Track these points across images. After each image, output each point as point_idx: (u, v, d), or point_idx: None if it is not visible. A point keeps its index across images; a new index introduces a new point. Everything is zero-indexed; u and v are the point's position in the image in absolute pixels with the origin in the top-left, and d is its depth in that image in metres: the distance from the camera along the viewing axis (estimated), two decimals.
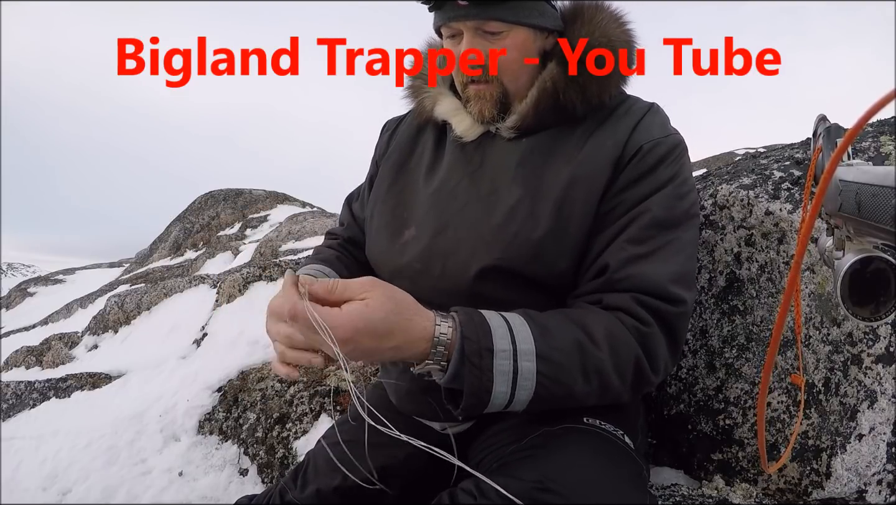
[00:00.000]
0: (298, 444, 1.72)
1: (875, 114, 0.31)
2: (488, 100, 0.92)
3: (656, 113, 0.92)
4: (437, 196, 0.97)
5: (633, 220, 0.84)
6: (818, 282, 1.02)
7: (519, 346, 0.73)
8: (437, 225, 0.94)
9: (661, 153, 0.86)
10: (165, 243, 7.16)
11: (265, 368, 2.09)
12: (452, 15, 0.89)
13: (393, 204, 1.02)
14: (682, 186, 0.87)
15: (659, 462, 1.22)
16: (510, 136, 0.94)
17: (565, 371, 0.74)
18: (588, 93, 0.89)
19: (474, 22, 0.88)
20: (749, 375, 1.10)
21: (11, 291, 7.45)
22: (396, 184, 1.04)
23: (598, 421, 0.84)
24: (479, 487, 0.74)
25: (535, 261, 0.87)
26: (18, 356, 3.25)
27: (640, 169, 0.85)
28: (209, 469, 1.79)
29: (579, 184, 0.86)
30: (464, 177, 0.96)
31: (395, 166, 1.06)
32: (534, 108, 0.91)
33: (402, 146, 1.08)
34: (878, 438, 0.94)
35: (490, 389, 0.71)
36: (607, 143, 0.88)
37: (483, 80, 0.92)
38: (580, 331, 0.77)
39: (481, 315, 0.75)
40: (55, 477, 1.79)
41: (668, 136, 0.88)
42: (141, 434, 1.91)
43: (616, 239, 0.84)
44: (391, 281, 1.03)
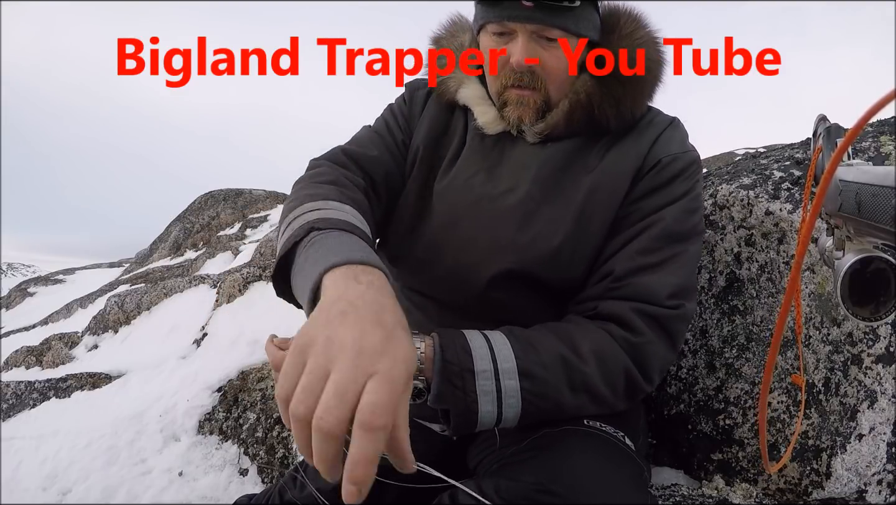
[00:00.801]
0: None
1: (875, 114, 0.31)
2: (531, 107, 0.90)
3: (676, 128, 0.93)
4: (451, 185, 0.94)
5: (644, 229, 0.85)
6: (818, 282, 1.02)
7: (500, 365, 0.74)
8: (450, 217, 0.93)
9: (678, 168, 0.88)
10: (165, 243, 7.16)
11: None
12: (512, 14, 0.85)
13: (420, 183, 0.98)
14: (694, 202, 0.89)
15: (659, 462, 1.22)
16: (535, 140, 0.93)
17: (550, 386, 0.75)
18: (622, 107, 0.89)
19: (536, 26, 0.84)
20: (749, 375, 1.10)
21: (11, 291, 7.45)
22: (424, 161, 0.98)
23: (598, 423, 0.85)
24: (479, 487, 0.74)
25: (551, 267, 0.87)
26: (18, 356, 3.25)
27: (656, 181, 0.87)
28: (209, 469, 1.79)
29: (600, 193, 0.87)
30: (481, 171, 0.94)
31: (426, 142, 1.00)
32: (566, 119, 0.90)
33: (432, 119, 1.01)
34: (879, 438, 0.94)
35: (476, 409, 0.72)
36: (630, 154, 0.89)
37: (530, 86, 0.89)
38: (564, 346, 0.78)
39: (463, 337, 0.75)
40: (55, 477, 1.79)
41: (686, 152, 0.90)
42: (141, 434, 1.91)
43: (626, 247, 0.85)
44: (393, 265, 1.01)
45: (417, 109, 1.04)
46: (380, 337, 0.49)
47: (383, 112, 1.07)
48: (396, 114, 1.04)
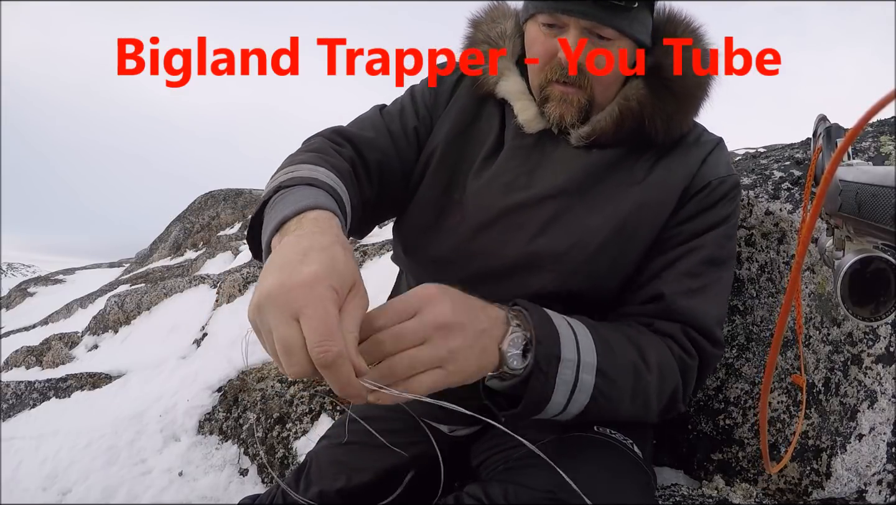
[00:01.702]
0: (298, 444, 1.72)
1: (875, 114, 0.31)
2: (574, 105, 0.85)
3: (723, 149, 0.92)
4: (490, 187, 0.89)
5: (688, 252, 0.84)
6: (818, 282, 1.02)
7: (583, 357, 0.69)
8: (485, 217, 0.88)
9: (724, 191, 0.86)
10: (165, 243, 7.16)
11: (265, 367, 2.09)
12: (568, 8, 0.81)
13: (444, 178, 0.92)
14: (733, 228, 0.89)
15: (659, 462, 1.22)
16: (579, 143, 0.88)
17: (618, 390, 0.72)
18: (672, 122, 0.86)
19: (591, 23, 0.81)
20: (749, 375, 1.10)
21: (11, 291, 7.44)
22: (449, 156, 0.93)
23: (608, 430, 0.83)
24: (486, 491, 0.73)
25: (586, 278, 0.85)
26: (18, 356, 3.25)
27: (704, 204, 0.85)
28: (209, 469, 1.79)
29: (647, 208, 0.85)
30: (522, 173, 0.89)
31: (452, 133, 0.94)
32: (615, 125, 0.86)
33: (462, 111, 0.95)
34: (878, 438, 0.94)
35: (549, 398, 0.67)
36: (678, 173, 0.86)
37: (576, 84, 0.85)
38: (637, 353, 0.76)
39: (547, 316, 0.70)
40: (55, 477, 1.79)
41: (731, 175, 0.88)
42: (141, 434, 1.91)
43: (670, 268, 0.84)
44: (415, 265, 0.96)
45: (444, 98, 0.97)
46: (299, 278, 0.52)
47: (403, 94, 1.01)
48: (417, 99, 0.98)
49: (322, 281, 0.51)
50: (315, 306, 0.50)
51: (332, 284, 0.52)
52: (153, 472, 1.77)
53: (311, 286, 0.51)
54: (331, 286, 0.52)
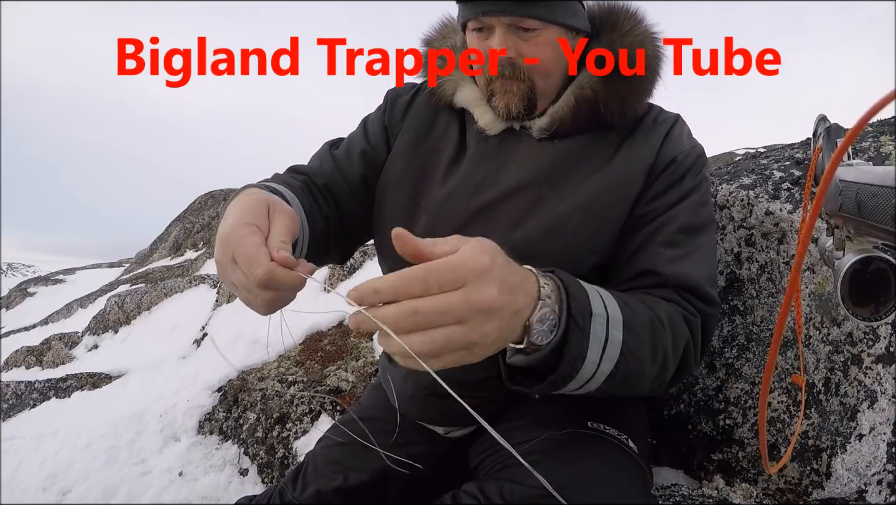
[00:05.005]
0: (298, 444, 1.72)
1: (875, 114, 0.31)
2: (516, 94, 0.89)
3: (682, 124, 0.95)
4: (460, 189, 0.93)
5: (662, 225, 0.86)
6: (818, 282, 1.02)
7: (610, 312, 0.67)
8: (458, 220, 0.91)
9: (690, 163, 0.89)
10: (165, 243, 7.16)
11: (265, 367, 2.09)
12: (486, 9, 0.85)
13: (409, 188, 0.96)
14: (706, 194, 0.90)
15: (659, 462, 1.22)
16: (541, 136, 0.92)
17: (642, 345, 0.71)
18: (626, 105, 0.90)
19: (510, 18, 0.85)
20: (749, 375, 1.10)
21: (11, 291, 7.45)
22: (412, 166, 0.98)
23: (601, 425, 0.84)
24: (483, 489, 0.73)
25: (567, 264, 0.86)
26: (18, 356, 3.25)
27: (671, 179, 0.88)
28: (209, 469, 1.79)
29: (613, 189, 0.87)
30: (490, 173, 0.92)
31: (412, 146, 0.99)
32: (572, 113, 0.90)
33: (419, 124, 1.01)
34: (879, 438, 0.94)
35: (585, 355, 0.63)
36: (641, 153, 0.89)
37: (513, 77, 0.89)
38: (649, 309, 0.75)
39: (572, 276, 0.67)
40: (55, 477, 1.79)
41: (694, 146, 0.91)
42: (141, 434, 1.92)
43: (649, 242, 0.85)
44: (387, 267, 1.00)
45: (398, 117, 1.03)
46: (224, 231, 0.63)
47: (355, 129, 1.08)
48: (368, 128, 1.05)
49: (238, 226, 0.62)
50: (237, 245, 0.60)
51: (246, 221, 0.62)
52: (153, 472, 1.77)
53: (231, 233, 0.61)
54: (246, 223, 0.62)
